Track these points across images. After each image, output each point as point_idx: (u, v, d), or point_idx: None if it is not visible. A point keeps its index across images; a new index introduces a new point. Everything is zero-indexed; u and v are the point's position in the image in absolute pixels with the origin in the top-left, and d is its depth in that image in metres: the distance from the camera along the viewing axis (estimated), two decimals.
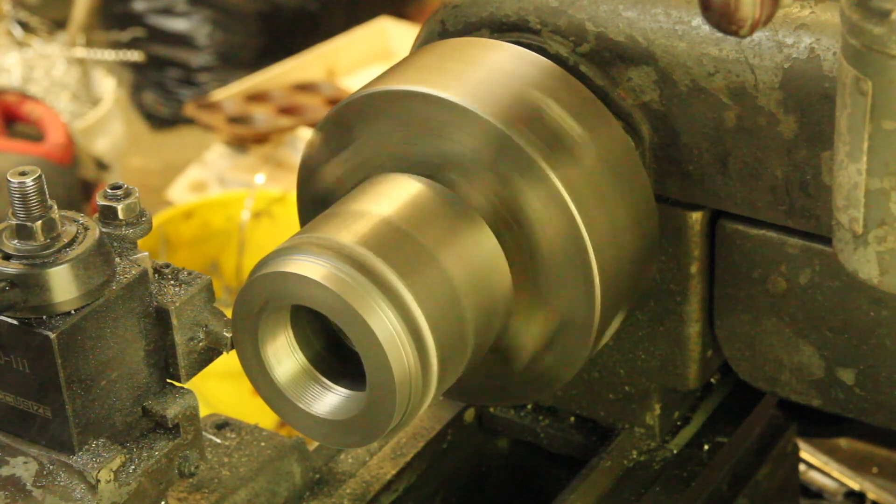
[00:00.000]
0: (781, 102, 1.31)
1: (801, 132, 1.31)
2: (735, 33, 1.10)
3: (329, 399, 1.26)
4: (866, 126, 1.08)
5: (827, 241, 1.28)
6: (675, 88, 1.35)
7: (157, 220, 3.64)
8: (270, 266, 1.23)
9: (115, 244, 1.24)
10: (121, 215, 1.25)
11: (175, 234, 3.64)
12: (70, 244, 1.19)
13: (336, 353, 1.28)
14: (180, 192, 4.16)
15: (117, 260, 1.23)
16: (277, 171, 4.00)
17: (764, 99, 1.31)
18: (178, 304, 1.24)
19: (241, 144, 4.14)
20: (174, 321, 1.24)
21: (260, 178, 3.77)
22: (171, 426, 1.26)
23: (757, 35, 1.29)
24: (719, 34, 1.23)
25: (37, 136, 3.76)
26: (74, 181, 3.70)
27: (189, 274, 1.27)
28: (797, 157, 1.32)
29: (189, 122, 4.45)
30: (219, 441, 1.44)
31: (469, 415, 1.60)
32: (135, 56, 4.56)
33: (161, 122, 5.04)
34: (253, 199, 3.63)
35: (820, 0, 1.31)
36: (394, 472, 1.50)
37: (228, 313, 1.27)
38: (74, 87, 4.35)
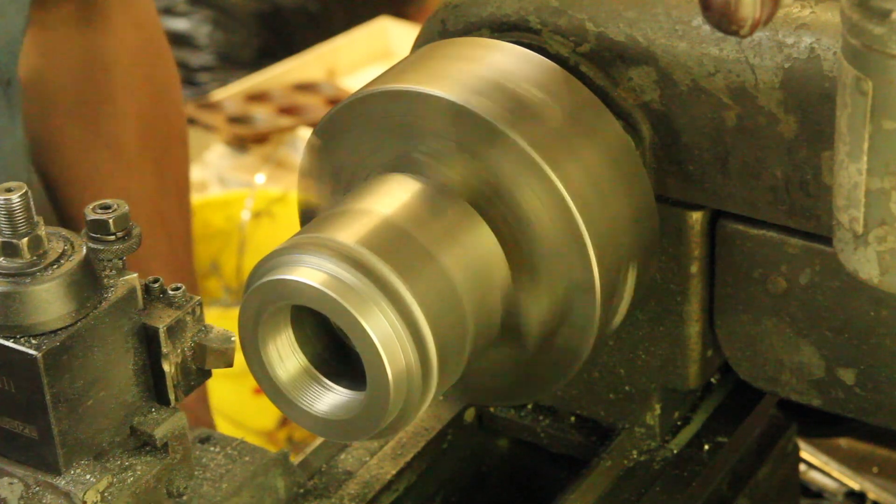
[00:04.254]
0: (782, 102, 1.31)
1: (802, 132, 1.31)
2: (735, 33, 1.10)
3: (330, 399, 1.26)
4: (867, 126, 1.08)
5: (827, 241, 1.28)
6: (676, 88, 1.35)
7: None
8: (271, 267, 1.23)
9: (104, 261, 1.22)
10: (111, 230, 1.22)
11: None
12: (57, 261, 1.17)
13: (337, 351, 1.28)
14: None
15: (105, 277, 1.21)
16: (277, 171, 3.99)
17: (764, 99, 1.31)
18: (166, 324, 1.22)
19: (241, 144, 4.14)
20: (163, 342, 1.22)
21: (260, 178, 3.77)
22: (159, 446, 1.24)
23: (757, 35, 1.29)
24: (719, 34, 1.23)
25: None
26: None
27: (177, 290, 1.25)
28: (797, 157, 1.32)
29: (189, 121, 4.44)
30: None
31: (469, 415, 1.60)
32: None
33: None
34: (253, 199, 3.63)
35: (820, 0, 1.31)
36: (394, 471, 1.50)
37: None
38: None
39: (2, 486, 1.21)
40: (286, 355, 1.26)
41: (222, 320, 3.08)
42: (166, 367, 1.23)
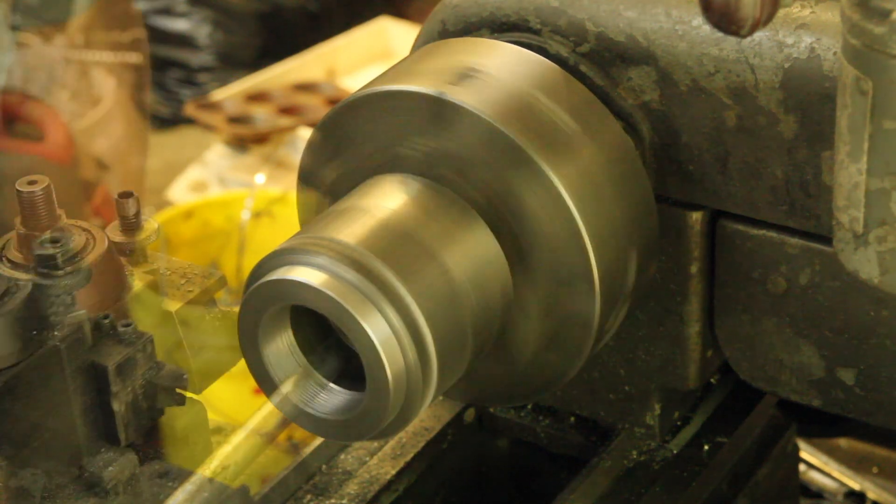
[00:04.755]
0: (782, 102, 1.31)
1: (802, 132, 1.31)
2: (735, 33, 1.10)
3: (330, 399, 1.26)
4: (867, 126, 1.08)
5: (827, 241, 1.28)
6: (676, 88, 1.35)
7: (157, 220, 3.64)
8: (270, 267, 1.23)
9: (52, 296, 1.18)
10: (59, 264, 1.19)
11: (175, 234, 3.64)
12: (0, 299, 1.14)
13: (337, 351, 1.28)
14: (180, 192, 4.16)
15: (52, 314, 1.17)
16: (277, 171, 4.00)
17: (764, 99, 1.31)
18: (116, 362, 1.19)
19: (241, 144, 4.14)
20: (112, 381, 1.18)
21: (260, 178, 3.77)
22: (108, 487, 1.21)
23: (757, 35, 1.29)
24: (720, 34, 1.23)
25: (37, 136, 3.76)
26: (74, 181, 3.70)
27: (127, 326, 1.21)
28: (797, 157, 1.32)
29: (189, 122, 4.45)
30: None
31: (469, 415, 1.60)
32: (134, 58, 4.56)
33: (161, 122, 5.04)
34: (253, 199, 3.63)
35: (820, 0, 1.31)
36: (394, 472, 1.50)
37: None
38: (74, 87, 4.35)
39: None
40: (286, 356, 1.26)
41: (222, 320, 3.08)
42: (116, 406, 1.20)
